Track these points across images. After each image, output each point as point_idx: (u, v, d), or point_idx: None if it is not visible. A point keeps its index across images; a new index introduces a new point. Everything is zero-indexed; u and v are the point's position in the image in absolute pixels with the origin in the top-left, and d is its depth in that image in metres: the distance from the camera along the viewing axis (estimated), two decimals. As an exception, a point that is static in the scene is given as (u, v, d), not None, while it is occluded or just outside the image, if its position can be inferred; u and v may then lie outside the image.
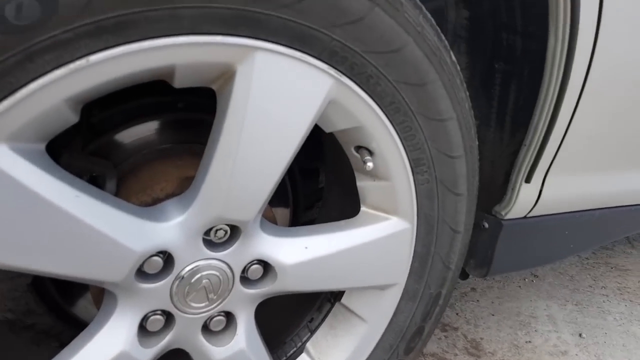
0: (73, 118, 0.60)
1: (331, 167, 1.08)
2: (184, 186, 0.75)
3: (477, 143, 0.92)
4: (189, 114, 0.84)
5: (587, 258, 2.03)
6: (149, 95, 0.83)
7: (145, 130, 0.80)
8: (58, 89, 0.54)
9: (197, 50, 0.60)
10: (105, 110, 0.82)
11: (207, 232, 0.74)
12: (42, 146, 0.60)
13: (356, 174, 0.88)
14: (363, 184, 0.88)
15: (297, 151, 0.74)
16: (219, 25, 0.59)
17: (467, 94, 0.85)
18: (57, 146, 0.64)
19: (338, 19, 0.66)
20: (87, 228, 0.63)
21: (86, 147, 0.76)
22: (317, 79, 0.69)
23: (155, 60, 0.59)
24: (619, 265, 2.01)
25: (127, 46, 0.55)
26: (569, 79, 0.94)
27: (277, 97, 0.67)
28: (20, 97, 0.53)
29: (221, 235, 0.75)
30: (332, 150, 0.97)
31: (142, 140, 0.80)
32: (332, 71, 0.70)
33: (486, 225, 1.13)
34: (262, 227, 0.80)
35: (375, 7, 0.68)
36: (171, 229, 0.71)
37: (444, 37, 0.78)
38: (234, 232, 0.76)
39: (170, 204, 0.72)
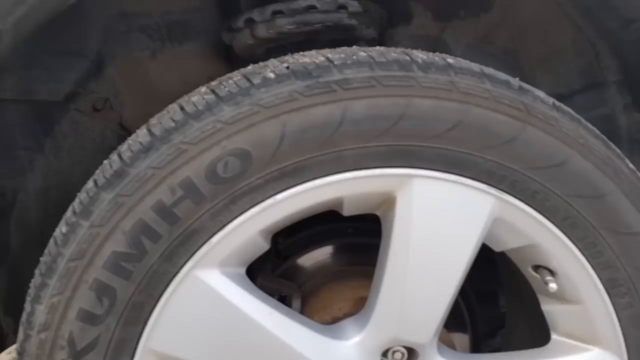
0: (265, 246, 0.74)
1: (510, 290, 1.03)
2: (358, 306, 0.81)
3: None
4: (356, 239, 0.94)
5: None
6: (321, 223, 0.96)
7: (321, 254, 0.92)
8: (254, 223, 0.69)
9: (360, 183, 0.70)
10: (288, 238, 0.97)
11: (385, 354, 0.76)
12: (243, 270, 0.75)
13: (539, 297, 0.83)
14: (549, 307, 0.82)
15: (467, 272, 0.75)
16: (377, 160, 0.69)
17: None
18: (252, 270, 0.79)
19: (490, 141, 0.70)
20: (279, 342, 0.72)
21: (275, 270, 0.90)
22: (477, 199, 0.73)
23: (328, 194, 0.71)
24: None
25: (303, 185, 0.69)
26: None
27: (438, 219, 0.72)
28: (227, 231, 0.69)
29: (398, 358, 0.77)
30: (508, 271, 0.94)
31: (319, 264, 0.91)
32: (493, 190, 0.73)
33: None
34: (440, 352, 0.79)
35: (528, 126, 0.71)
36: (351, 347, 0.75)
37: (614, 146, 0.75)
38: (412, 354, 0.77)
39: (348, 323, 0.78)
